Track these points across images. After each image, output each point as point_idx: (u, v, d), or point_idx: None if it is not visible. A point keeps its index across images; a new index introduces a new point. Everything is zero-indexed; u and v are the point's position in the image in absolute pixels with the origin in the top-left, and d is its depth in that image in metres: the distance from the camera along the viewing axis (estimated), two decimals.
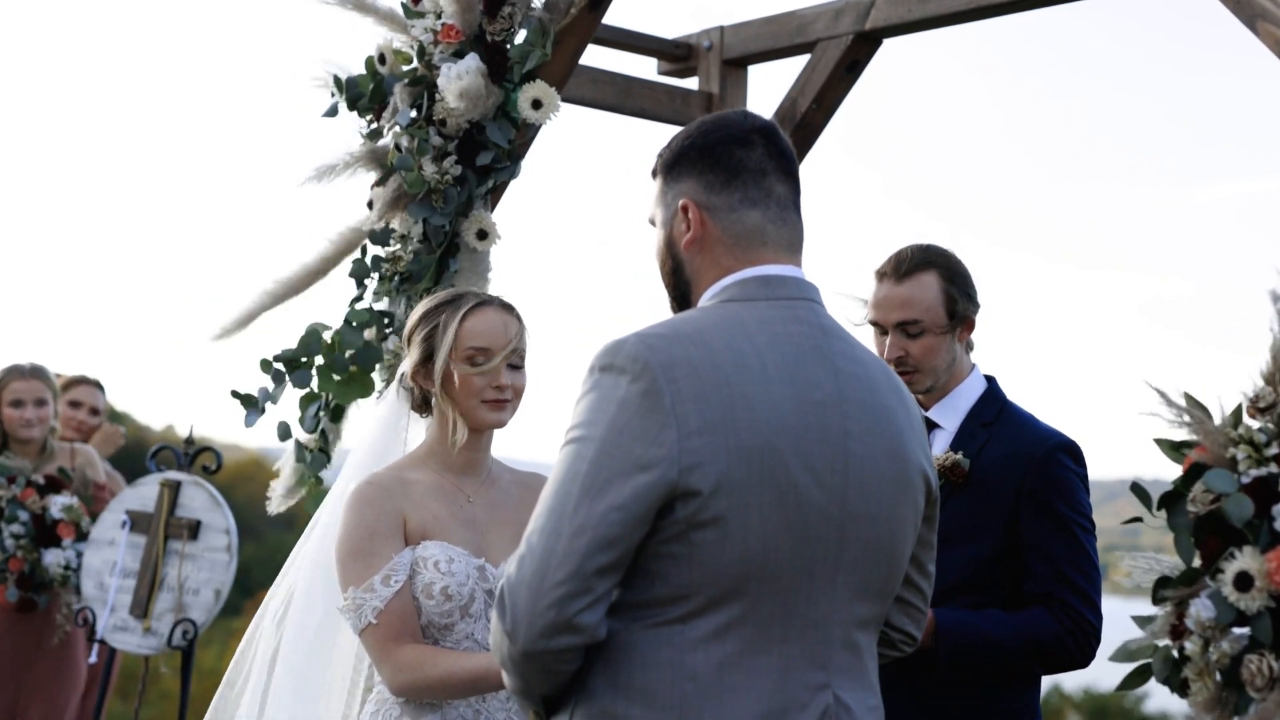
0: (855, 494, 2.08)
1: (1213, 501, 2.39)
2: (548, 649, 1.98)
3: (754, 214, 2.18)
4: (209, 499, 5.06)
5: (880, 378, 2.19)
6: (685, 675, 2.00)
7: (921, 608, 2.38)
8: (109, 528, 5.20)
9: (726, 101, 5.15)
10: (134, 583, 5.07)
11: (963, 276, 3.26)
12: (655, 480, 1.97)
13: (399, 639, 2.73)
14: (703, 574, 2.00)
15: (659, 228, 2.26)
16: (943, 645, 3.07)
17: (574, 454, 2.01)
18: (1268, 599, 2.30)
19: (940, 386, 3.27)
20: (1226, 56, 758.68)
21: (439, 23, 3.90)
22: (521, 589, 1.98)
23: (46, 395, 5.46)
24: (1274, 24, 2.92)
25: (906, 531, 2.19)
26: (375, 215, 3.93)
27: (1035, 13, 4.40)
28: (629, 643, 2.02)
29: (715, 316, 2.11)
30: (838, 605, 2.09)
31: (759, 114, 2.26)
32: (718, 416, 2.00)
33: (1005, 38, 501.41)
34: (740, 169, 2.18)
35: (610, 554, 1.97)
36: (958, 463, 3.17)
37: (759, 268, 2.16)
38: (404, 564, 2.77)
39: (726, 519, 1.99)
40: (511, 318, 2.89)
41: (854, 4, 4.68)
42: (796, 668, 2.04)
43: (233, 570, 4.95)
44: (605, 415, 2.01)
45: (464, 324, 2.84)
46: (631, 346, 2.03)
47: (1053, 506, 3.13)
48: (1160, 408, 2.48)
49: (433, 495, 2.85)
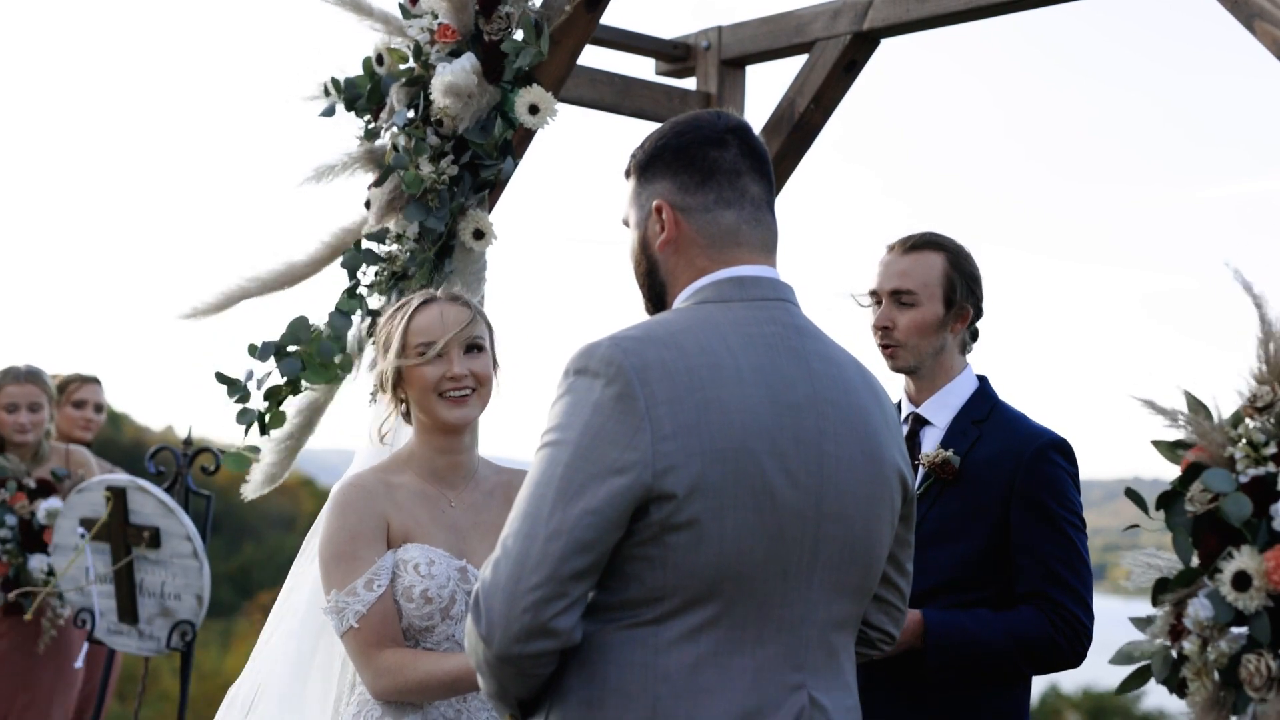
0: (831, 494, 2.08)
1: (1211, 501, 2.39)
2: (524, 653, 1.98)
3: (729, 214, 2.18)
4: (159, 505, 4.98)
5: (856, 378, 2.19)
6: (658, 677, 2.00)
7: (900, 607, 2.38)
8: (67, 534, 5.16)
9: (725, 101, 5.15)
10: (112, 589, 5.04)
11: (970, 272, 3.27)
12: (630, 483, 1.97)
13: (380, 643, 2.74)
14: (677, 576, 2.00)
15: (633, 229, 2.26)
16: (930, 645, 3.06)
17: (549, 458, 2.01)
18: (1266, 598, 2.29)
19: (924, 372, 3.27)
20: (1227, 55, 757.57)
21: (435, 23, 3.90)
22: (497, 593, 1.98)
23: (41, 400, 5.45)
24: (1271, 23, 2.92)
25: (883, 531, 2.19)
26: (373, 218, 3.93)
27: (1033, 12, 4.41)
28: (604, 644, 2.03)
29: (689, 318, 2.11)
30: (813, 606, 2.09)
31: (732, 113, 2.26)
32: (691, 419, 2.00)
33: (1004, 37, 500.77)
34: (715, 169, 2.18)
35: (585, 558, 1.97)
36: (948, 460, 3.17)
37: (734, 269, 2.16)
38: (386, 568, 2.78)
39: (701, 521, 1.99)
40: (456, 307, 2.89)
41: (852, 4, 4.68)
42: (772, 668, 2.04)
43: (207, 574, 4.90)
44: (580, 419, 2.01)
45: (409, 322, 2.86)
46: (605, 350, 2.03)
47: (1043, 504, 3.13)
48: (1155, 413, 2.48)
49: (415, 499, 2.86)
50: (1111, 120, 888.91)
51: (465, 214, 3.88)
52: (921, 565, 3.15)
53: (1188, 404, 2.48)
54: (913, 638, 3.08)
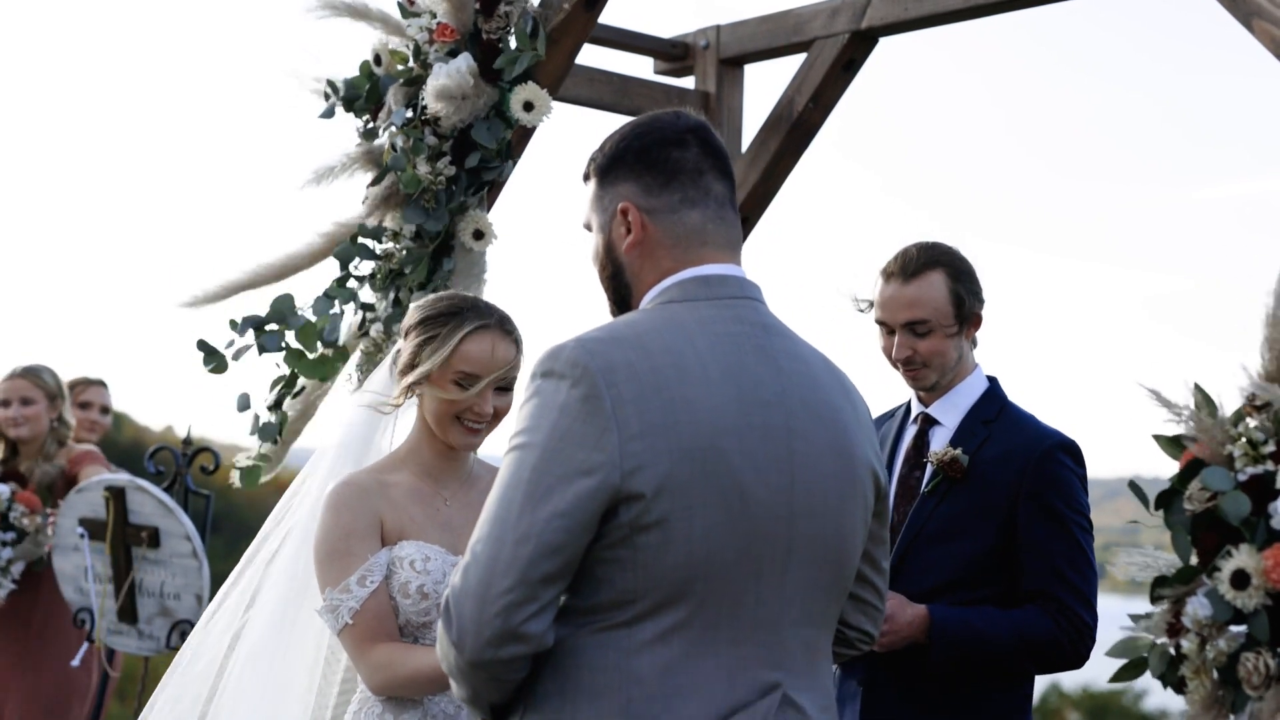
0: (802, 492, 2.07)
1: (1210, 499, 2.39)
2: (495, 658, 1.97)
3: (694, 214, 2.17)
4: (158, 505, 4.97)
5: (824, 374, 2.18)
6: (631, 679, 1.99)
7: (878, 605, 2.36)
8: (68, 534, 5.15)
9: (724, 101, 5.15)
10: (112, 588, 5.04)
11: (969, 274, 3.27)
12: (598, 485, 1.96)
13: (374, 639, 2.74)
14: (648, 577, 1.99)
15: (596, 232, 2.25)
16: (936, 641, 3.07)
17: (517, 461, 2.01)
18: (1264, 597, 2.29)
19: (944, 384, 3.28)
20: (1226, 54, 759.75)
21: (434, 22, 3.89)
22: (467, 598, 1.97)
23: (35, 395, 5.42)
24: (1270, 22, 2.92)
25: (856, 528, 2.17)
26: (365, 211, 3.93)
27: (1032, 10, 4.41)
28: (576, 648, 2.02)
29: (655, 319, 2.10)
30: (788, 605, 2.08)
31: (690, 113, 2.24)
32: (658, 419, 1.99)
33: (1002, 35, 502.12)
34: (678, 170, 2.17)
35: (555, 561, 1.96)
36: (956, 458, 3.18)
37: (699, 268, 2.16)
38: (380, 564, 2.78)
39: (670, 521, 1.98)
40: (507, 344, 2.84)
41: (850, 3, 4.68)
42: (746, 669, 2.03)
43: (206, 574, 4.89)
44: (547, 421, 2.00)
45: (460, 345, 2.79)
46: (570, 352, 2.02)
47: (1051, 505, 3.13)
48: (1159, 406, 2.48)
49: (410, 497, 2.86)
50: (1110, 119, 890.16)
51: (465, 214, 3.88)
52: (927, 563, 3.16)
53: (1195, 398, 2.47)
54: (918, 633, 3.09)
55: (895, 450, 3.34)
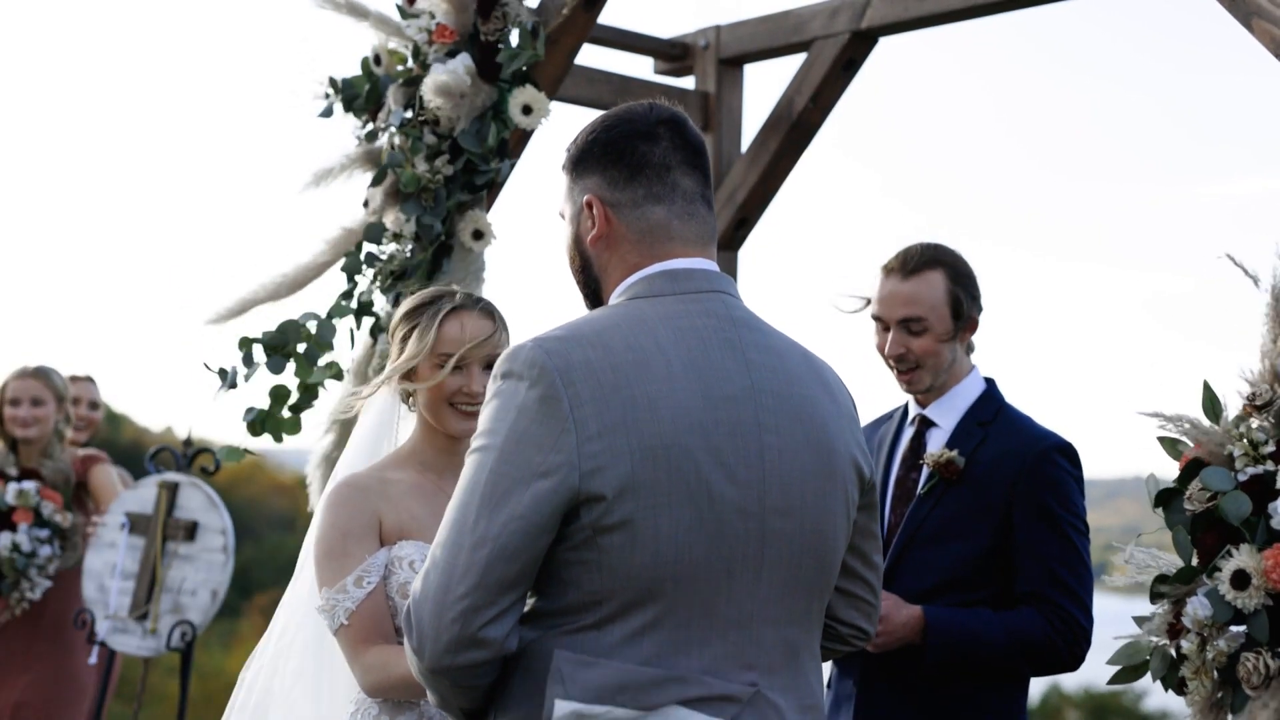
0: (775, 488, 2.03)
1: (1210, 499, 2.39)
2: (454, 664, 1.95)
3: (658, 210, 2.14)
4: (205, 500, 5.06)
5: (800, 367, 2.14)
6: None
7: (869, 600, 2.31)
8: (110, 530, 5.20)
9: (724, 101, 5.15)
10: (133, 584, 5.07)
11: (968, 277, 3.27)
12: (555, 486, 1.94)
13: (369, 640, 2.73)
14: (614, 579, 1.96)
15: (566, 224, 2.23)
16: (930, 642, 3.07)
17: (476, 464, 1.99)
18: (1265, 597, 2.30)
19: (939, 386, 3.28)
20: (1225, 54, 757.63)
21: (433, 23, 3.90)
22: (426, 604, 1.95)
23: (44, 395, 5.44)
24: (1270, 21, 2.92)
25: (837, 523, 2.13)
26: (370, 212, 3.94)
27: (1031, 10, 4.41)
28: (546, 652, 1.98)
29: (618, 315, 2.07)
30: (764, 603, 2.04)
31: (666, 105, 2.21)
32: (618, 418, 1.96)
33: (1002, 35, 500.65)
34: (643, 164, 2.14)
35: (513, 565, 1.94)
36: (952, 459, 3.17)
37: (665, 263, 2.13)
38: (378, 564, 2.77)
39: (634, 522, 1.95)
40: (478, 319, 2.85)
41: (850, 2, 4.68)
42: (720, 669, 2.00)
43: (229, 571, 4.96)
44: (505, 423, 1.98)
45: (439, 328, 2.82)
46: (528, 352, 2.00)
47: (1046, 507, 3.13)
48: (1161, 425, 2.47)
49: (412, 495, 2.85)
50: (1110, 119, 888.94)
51: (464, 214, 3.89)
52: (923, 564, 3.16)
53: (1204, 399, 2.47)
54: (913, 634, 3.09)
55: (892, 452, 3.34)
